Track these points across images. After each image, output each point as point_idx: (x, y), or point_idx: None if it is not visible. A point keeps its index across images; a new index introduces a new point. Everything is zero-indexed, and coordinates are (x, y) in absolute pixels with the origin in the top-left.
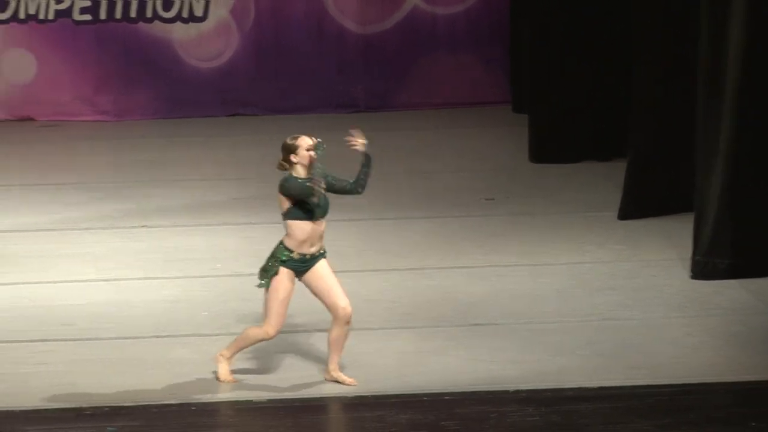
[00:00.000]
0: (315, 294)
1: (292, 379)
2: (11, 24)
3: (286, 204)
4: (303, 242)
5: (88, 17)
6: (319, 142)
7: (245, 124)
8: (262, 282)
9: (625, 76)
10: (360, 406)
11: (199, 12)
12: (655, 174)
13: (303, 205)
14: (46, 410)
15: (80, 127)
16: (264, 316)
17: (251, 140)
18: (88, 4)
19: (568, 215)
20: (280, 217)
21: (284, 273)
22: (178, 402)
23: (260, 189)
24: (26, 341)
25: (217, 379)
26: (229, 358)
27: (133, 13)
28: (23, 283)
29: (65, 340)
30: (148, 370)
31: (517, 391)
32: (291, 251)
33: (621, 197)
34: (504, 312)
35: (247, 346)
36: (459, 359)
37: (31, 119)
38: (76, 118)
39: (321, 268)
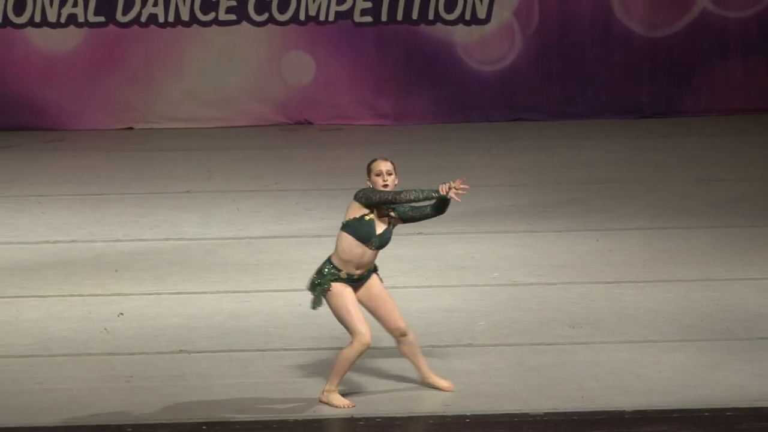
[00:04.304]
0: (371, 312)
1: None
2: (291, 25)
3: (352, 215)
4: (347, 262)
5: (368, 19)
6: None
7: (527, 130)
8: (315, 294)
9: None
10: (641, 420)
11: (482, 14)
12: None
13: (364, 225)
14: (289, 421)
15: (359, 131)
16: (349, 332)
17: (532, 146)
18: (369, 5)
19: None
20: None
21: (338, 285)
22: (453, 414)
23: (539, 197)
24: (283, 350)
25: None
26: (335, 391)
27: (414, 15)
28: (290, 291)
29: (328, 349)
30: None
31: None
32: (339, 269)
33: None
34: None
35: (348, 368)
36: (743, 374)
37: (309, 123)
38: (355, 122)
39: (376, 287)
